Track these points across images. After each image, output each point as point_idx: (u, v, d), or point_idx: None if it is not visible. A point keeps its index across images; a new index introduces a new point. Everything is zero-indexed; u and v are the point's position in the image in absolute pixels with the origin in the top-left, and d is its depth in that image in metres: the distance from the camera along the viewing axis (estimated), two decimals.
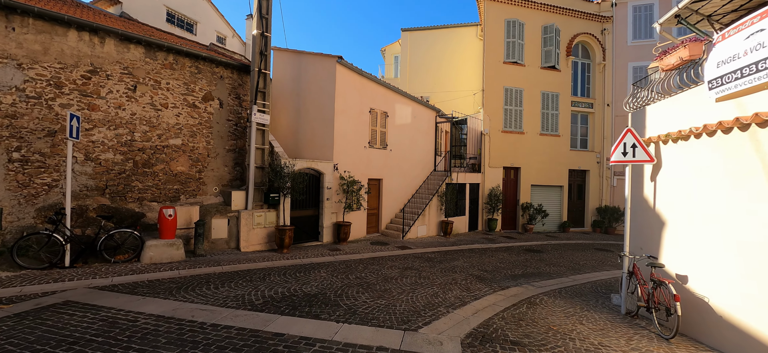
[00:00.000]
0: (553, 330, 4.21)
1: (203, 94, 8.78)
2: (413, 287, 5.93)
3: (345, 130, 10.60)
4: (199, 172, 8.76)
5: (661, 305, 4.28)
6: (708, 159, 4.04)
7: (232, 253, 8.13)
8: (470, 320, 4.38)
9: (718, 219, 3.89)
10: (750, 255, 3.49)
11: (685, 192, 4.42)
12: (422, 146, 14.11)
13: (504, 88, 15.76)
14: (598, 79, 17.07)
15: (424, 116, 14.17)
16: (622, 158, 5.28)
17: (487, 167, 15.54)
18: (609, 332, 4.33)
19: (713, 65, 3.85)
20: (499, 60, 15.77)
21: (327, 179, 10.11)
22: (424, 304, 4.99)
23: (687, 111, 4.49)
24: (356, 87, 11.04)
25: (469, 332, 4.01)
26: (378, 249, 9.59)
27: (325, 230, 10.13)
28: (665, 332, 4.23)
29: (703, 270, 4.09)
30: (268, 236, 8.95)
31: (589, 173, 17.01)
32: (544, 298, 5.81)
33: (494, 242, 12.32)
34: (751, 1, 6.31)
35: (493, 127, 15.65)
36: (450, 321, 4.30)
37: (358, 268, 7.22)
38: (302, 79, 11.15)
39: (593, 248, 12.51)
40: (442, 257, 9.06)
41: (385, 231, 12.17)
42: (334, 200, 10.43)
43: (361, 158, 11.26)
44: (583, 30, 16.69)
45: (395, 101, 12.63)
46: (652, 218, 5.12)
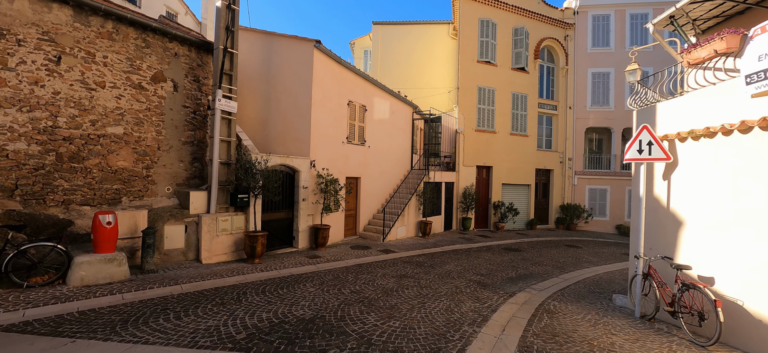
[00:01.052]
0: (594, 346, 3.80)
1: (152, 73, 7.21)
2: (420, 300, 5.23)
3: (322, 123, 9.57)
4: (147, 168, 7.19)
5: (694, 310, 4.07)
6: (743, 157, 3.88)
7: (192, 266, 6.76)
8: (505, 341, 3.80)
9: (755, 219, 3.73)
10: None
11: (712, 191, 4.27)
12: (400, 144, 13.49)
13: (477, 87, 15.74)
14: (561, 82, 17.86)
15: (402, 111, 13.56)
16: (637, 155, 5.09)
17: (462, 166, 15.41)
18: (644, 342, 4.03)
19: (753, 59, 3.68)
20: (473, 58, 15.71)
21: (303, 177, 9.02)
22: (444, 322, 4.32)
23: (711, 108, 4.34)
24: (335, 76, 10.05)
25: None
26: (361, 255, 8.76)
27: (301, 235, 9.04)
28: (699, 339, 4.03)
29: (734, 272, 3.94)
30: (235, 244, 7.66)
31: (553, 173, 17.74)
32: (554, 304, 5.48)
33: (472, 241, 12.13)
34: (733, 8, 6.58)
35: (467, 125, 15.56)
36: (485, 345, 3.68)
37: (349, 279, 6.35)
38: (273, 64, 9.87)
39: (563, 244, 12.90)
40: (430, 260, 8.50)
41: (363, 234, 11.34)
42: (311, 201, 9.36)
43: (339, 155, 10.31)
44: (549, 35, 17.32)
45: (374, 95, 11.83)
46: (665, 218, 4.99)
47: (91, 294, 4.88)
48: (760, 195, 3.73)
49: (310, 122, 9.14)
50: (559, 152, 17.84)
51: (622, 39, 17.23)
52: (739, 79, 3.94)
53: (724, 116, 4.15)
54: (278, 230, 8.75)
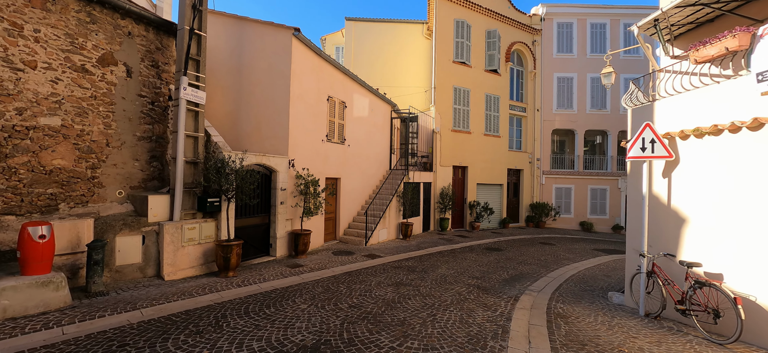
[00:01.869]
0: (624, 352, 3.61)
1: (100, 54, 6.01)
2: (429, 311, 4.78)
3: (301, 120, 8.80)
4: (93, 168, 5.98)
5: (709, 308, 4.05)
6: (754, 154, 3.92)
7: (153, 284, 5.71)
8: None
9: (760, 212, 3.77)
10: None
11: (719, 188, 4.31)
12: (379, 142, 13.01)
13: (453, 87, 15.75)
14: (529, 86, 18.51)
15: (381, 110, 13.09)
16: (640, 153, 5.09)
17: (439, 166, 15.30)
18: (665, 344, 3.93)
19: (766, 57, 3.71)
20: (449, 59, 15.68)
21: (280, 178, 8.18)
22: (466, 338, 3.90)
23: (715, 106, 4.40)
24: (314, 69, 9.31)
25: None
26: (346, 261, 8.13)
27: (279, 242, 8.19)
28: (715, 336, 4.01)
29: (745, 268, 3.98)
30: (204, 256, 6.66)
31: (523, 172, 18.32)
32: (560, 307, 5.33)
33: (453, 242, 11.98)
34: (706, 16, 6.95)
35: (443, 125, 15.49)
36: None
37: (342, 291, 5.73)
38: (245, 53, 8.89)
39: (538, 242, 13.25)
40: (419, 265, 8.10)
41: (343, 238, 10.68)
42: (290, 205, 8.54)
43: (318, 154, 9.58)
44: (519, 39, 17.87)
45: (353, 91, 11.23)
46: (666, 215, 5.02)
47: (18, 330, 3.79)
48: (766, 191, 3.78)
49: (289, 118, 8.34)
50: (528, 152, 18.47)
51: (583, 46, 18.27)
52: (747, 78, 3.98)
53: (731, 114, 4.20)
54: (253, 237, 7.83)
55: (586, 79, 18.22)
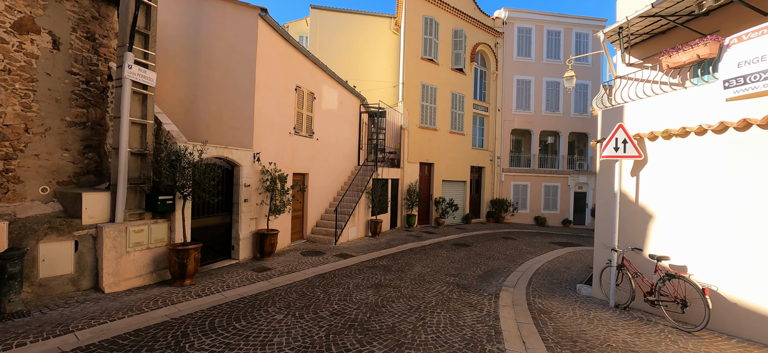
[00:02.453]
0: (614, 346, 3.68)
1: (17, 18, 4.86)
2: (417, 315, 4.56)
3: (267, 110, 8.08)
4: (7, 159, 4.84)
5: (678, 298, 4.33)
6: (718, 155, 4.23)
7: (90, 299, 4.79)
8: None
9: (731, 212, 4.10)
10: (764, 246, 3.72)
11: (685, 186, 4.62)
12: (348, 137, 12.55)
13: (421, 83, 15.75)
14: (492, 86, 19.19)
15: (350, 103, 12.63)
16: (613, 153, 5.32)
17: (406, 163, 15.25)
18: (643, 334, 4.13)
19: (732, 65, 4.02)
20: (417, 55, 15.64)
21: (244, 173, 7.44)
22: (461, 343, 3.73)
23: (682, 110, 4.71)
24: (282, 56, 8.61)
25: None
26: (318, 262, 7.65)
27: (242, 243, 7.45)
28: (684, 325, 4.30)
29: (708, 261, 4.31)
30: (154, 262, 5.78)
31: (485, 170, 19.00)
32: (539, 302, 5.44)
33: (421, 239, 11.99)
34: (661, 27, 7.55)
35: (411, 122, 15.44)
36: None
37: (319, 296, 5.29)
38: (203, 32, 7.91)
39: (500, 237, 13.79)
40: (394, 263, 7.89)
41: (311, 237, 10.12)
42: (255, 202, 7.82)
43: (285, 148, 8.92)
44: (483, 40, 18.41)
45: (322, 82, 10.65)
46: (634, 212, 5.33)
47: None
48: (734, 190, 4.12)
49: (254, 108, 7.59)
50: (490, 150, 19.19)
51: (540, 51, 19.36)
52: (714, 84, 4.29)
53: (697, 118, 4.51)
54: (213, 239, 7.03)
55: (542, 83, 19.36)
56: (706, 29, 6.98)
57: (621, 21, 7.00)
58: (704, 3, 5.81)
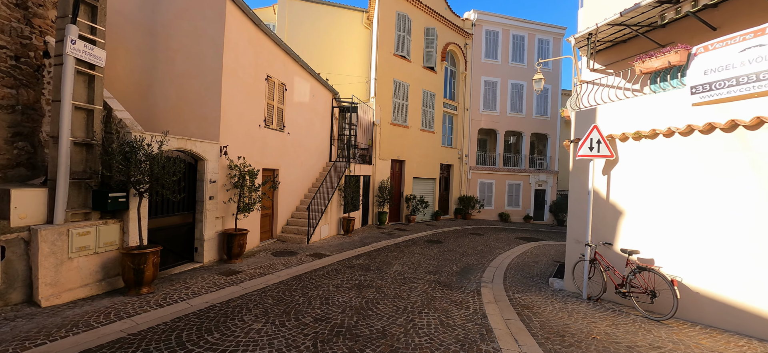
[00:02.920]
0: (598, 339, 3.81)
1: None
2: (406, 316, 4.41)
3: (236, 99, 7.47)
4: None
5: (649, 289, 4.62)
6: (683, 155, 4.56)
7: (21, 315, 4.04)
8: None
9: (694, 208, 4.43)
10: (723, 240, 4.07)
11: (652, 184, 4.94)
12: (319, 132, 12.10)
13: (393, 80, 15.66)
14: (461, 86, 19.63)
15: (322, 96, 12.18)
16: (588, 152, 5.57)
17: (378, 160, 15.10)
18: (619, 325, 4.34)
19: (699, 73, 4.33)
20: (390, 51, 15.51)
21: (210, 167, 6.81)
22: (456, 344, 3.63)
23: (651, 113, 5.02)
24: (251, 42, 8.00)
25: None
26: (292, 263, 7.24)
27: (207, 245, 6.82)
28: (653, 315, 4.60)
29: (674, 254, 4.64)
30: (104, 269, 5.06)
31: (453, 167, 19.43)
32: (519, 298, 5.56)
33: (394, 236, 11.93)
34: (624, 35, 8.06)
35: (383, 118, 15.31)
36: None
37: (298, 300, 4.96)
38: (162, 9, 7.09)
39: (469, 233, 14.17)
40: (371, 262, 7.71)
41: (281, 236, 9.60)
42: (221, 200, 7.20)
43: (255, 141, 8.33)
44: (453, 40, 18.73)
45: (294, 73, 10.12)
46: (605, 209, 5.62)
47: None
48: (699, 187, 4.46)
49: (221, 97, 6.96)
50: (458, 148, 19.64)
51: (506, 54, 20.15)
52: (683, 90, 4.61)
53: (665, 121, 4.83)
54: (172, 240, 6.34)
55: (508, 85, 20.17)
56: (663, 40, 7.56)
57: (591, 28, 7.36)
58: (666, 15, 6.28)
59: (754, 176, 3.93)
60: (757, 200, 3.93)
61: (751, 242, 3.97)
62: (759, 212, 3.91)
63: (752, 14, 6.05)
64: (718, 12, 6.57)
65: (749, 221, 3.99)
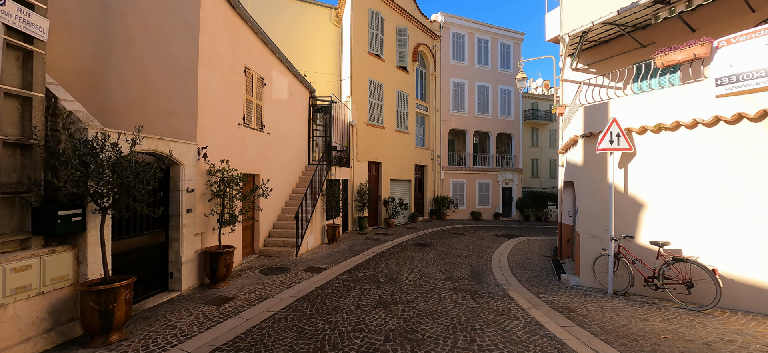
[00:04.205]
0: (668, 339, 3.61)
1: None
2: (457, 334, 3.84)
3: (214, 93, 6.33)
4: None
5: (686, 280, 4.61)
6: (710, 147, 4.65)
7: None
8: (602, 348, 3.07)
9: (725, 198, 4.52)
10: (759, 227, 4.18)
11: (676, 176, 5.03)
12: (298, 133, 11.06)
13: (368, 80, 15.08)
14: (431, 87, 19.67)
15: (300, 94, 11.15)
16: (609, 146, 5.53)
17: (356, 162, 14.37)
18: (669, 320, 4.23)
19: (724, 65, 4.43)
20: (364, 49, 14.90)
21: (187, 173, 5.61)
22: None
23: (670, 106, 5.10)
24: (229, 27, 6.88)
25: None
26: (288, 281, 6.28)
27: (186, 268, 5.59)
28: (691, 305, 4.59)
29: (702, 242, 4.72)
30: (53, 314, 3.73)
31: (427, 168, 19.34)
32: (551, 299, 5.30)
33: (380, 242, 11.31)
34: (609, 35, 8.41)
35: (359, 119, 14.63)
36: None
37: (325, 330, 4.12)
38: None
39: (452, 233, 14.07)
40: (376, 272, 7.02)
41: (264, 250, 8.44)
42: (201, 212, 6.00)
43: (234, 142, 7.18)
44: (423, 41, 18.69)
45: (272, 66, 9.05)
46: (625, 202, 5.64)
47: None
48: (724, 177, 4.56)
49: (198, 89, 5.79)
50: (431, 149, 19.62)
51: (472, 57, 20.67)
52: (706, 82, 4.71)
53: (683, 113, 4.92)
54: (140, 266, 5.05)
55: (475, 86, 20.70)
56: (644, 40, 8.04)
57: (586, 25, 7.52)
58: (660, 14, 6.59)
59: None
60: None
61: None
62: None
63: (731, 18, 6.59)
64: (696, 15, 7.08)
65: None
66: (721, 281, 4.36)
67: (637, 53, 8.10)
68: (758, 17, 6.15)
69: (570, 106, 8.20)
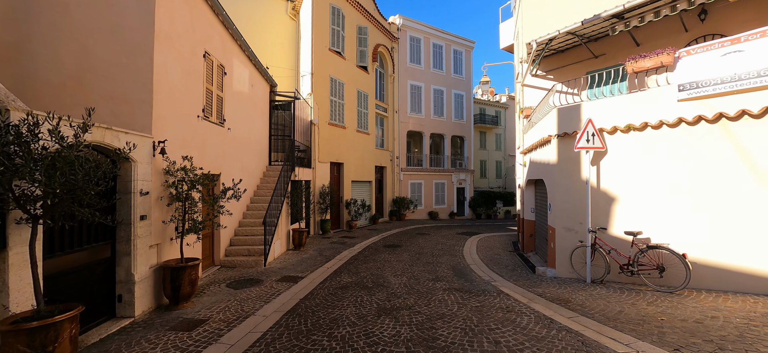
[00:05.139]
0: (664, 320, 3.89)
1: None
2: (484, 337, 3.66)
3: (172, 77, 5.37)
4: None
5: (660, 265, 5.09)
6: (673, 145, 5.23)
7: None
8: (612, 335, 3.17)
9: (682, 191, 5.11)
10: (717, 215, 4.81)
11: (643, 171, 5.57)
12: (259, 129, 10.08)
13: (330, 77, 14.51)
14: (390, 88, 19.69)
15: (260, 87, 10.19)
16: (586, 144, 5.93)
17: (318, 162, 13.68)
18: (637, 301, 4.62)
19: (688, 73, 5.01)
20: (325, 45, 14.31)
21: (140, 172, 4.61)
22: None
23: (636, 108, 5.65)
24: (187, 2, 5.91)
25: None
26: (266, 294, 5.57)
27: (140, 288, 4.57)
28: (664, 288, 5.07)
29: (668, 230, 5.28)
30: None
31: (386, 169, 19.28)
32: (544, 291, 5.47)
33: (348, 245, 10.89)
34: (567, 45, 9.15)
35: (321, 117, 13.99)
36: None
37: (333, 349, 3.65)
38: None
39: (417, 233, 14.18)
40: (358, 278, 6.63)
41: (227, 260, 7.45)
42: (161, 220, 5.00)
43: (195, 137, 6.20)
44: (382, 42, 18.64)
45: (233, 53, 8.09)
46: (596, 196, 6.10)
47: None
48: (687, 172, 5.14)
49: (154, 71, 4.82)
50: (390, 150, 19.61)
51: (428, 61, 21.22)
52: (668, 88, 5.28)
53: (648, 115, 5.48)
54: (79, 289, 3.98)
55: (430, 90, 21.26)
56: (597, 51, 8.93)
57: (552, 34, 8.09)
58: (616, 27, 7.33)
59: (737, 158, 4.75)
60: (738, 177, 4.77)
61: (739, 213, 4.79)
62: (743, 187, 4.74)
63: (669, 35, 7.60)
64: (640, 31, 8.03)
65: (732, 195, 4.80)
66: (691, 264, 4.90)
67: (590, 63, 8.95)
68: (690, 36, 7.19)
69: (536, 109, 8.72)
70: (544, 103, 8.02)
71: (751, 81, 4.48)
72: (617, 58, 8.54)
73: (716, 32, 6.84)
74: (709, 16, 6.86)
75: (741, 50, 4.58)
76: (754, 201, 4.71)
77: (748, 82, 4.52)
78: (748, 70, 4.51)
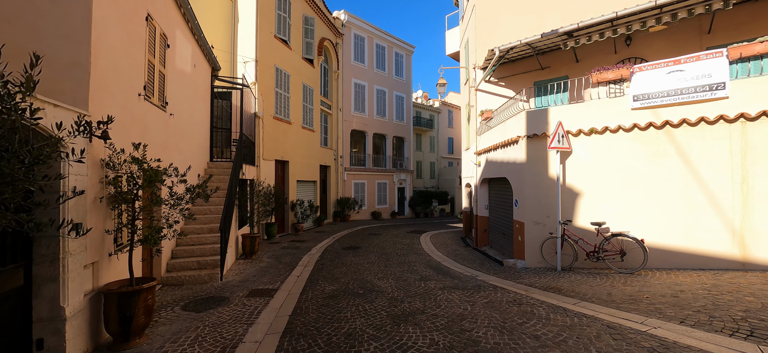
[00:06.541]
0: (648, 299, 4.41)
1: None
2: (514, 334, 3.58)
3: (111, 40, 4.07)
4: None
5: (621, 251, 5.84)
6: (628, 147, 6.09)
7: None
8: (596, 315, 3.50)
9: (638, 186, 5.99)
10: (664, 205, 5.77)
11: (602, 170, 6.34)
12: (201, 119, 8.53)
13: (275, 67, 13.25)
14: (334, 85, 18.98)
15: (202, 68, 8.64)
16: (558, 145, 6.51)
17: (262, 160, 12.34)
18: (604, 284, 5.25)
19: (640, 86, 5.88)
20: (270, 31, 13.02)
21: (73, 163, 3.32)
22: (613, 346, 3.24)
23: (597, 114, 6.43)
24: None
25: None
26: (237, 316, 4.64)
27: (71, 326, 3.27)
28: (625, 270, 5.83)
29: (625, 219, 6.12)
30: None
31: (330, 169, 18.51)
32: (532, 282, 5.76)
33: (303, 250, 10.01)
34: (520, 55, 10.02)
35: (266, 110, 12.67)
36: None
37: None
38: None
39: (368, 233, 13.92)
40: (341, 285, 6.08)
41: (170, 276, 6.03)
42: (102, 230, 3.68)
43: (134, 120, 4.84)
44: (328, 36, 17.86)
45: (176, 22, 6.66)
46: (564, 192, 6.76)
47: None
48: (640, 170, 6.03)
49: (91, 24, 3.55)
50: (334, 149, 18.88)
51: (371, 61, 21.13)
52: (623, 98, 6.13)
53: (607, 121, 6.29)
54: None
55: (374, 90, 21.21)
56: (544, 63, 10.00)
57: (514, 43, 8.74)
58: (568, 43, 8.28)
59: (677, 158, 5.76)
60: (680, 174, 5.80)
61: (679, 204, 5.79)
62: (683, 183, 5.77)
63: (603, 54, 8.91)
64: (580, 49, 9.24)
65: (676, 189, 5.81)
66: (647, 248, 5.75)
67: (537, 74, 9.99)
68: (618, 57, 8.56)
69: (497, 112, 9.32)
70: (507, 107, 8.60)
71: (689, 95, 5.51)
72: (560, 71, 9.72)
73: (637, 55, 8.29)
74: (633, 43, 8.27)
75: (682, 70, 5.59)
76: (692, 193, 5.78)
77: (688, 97, 5.54)
78: (687, 86, 5.53)
